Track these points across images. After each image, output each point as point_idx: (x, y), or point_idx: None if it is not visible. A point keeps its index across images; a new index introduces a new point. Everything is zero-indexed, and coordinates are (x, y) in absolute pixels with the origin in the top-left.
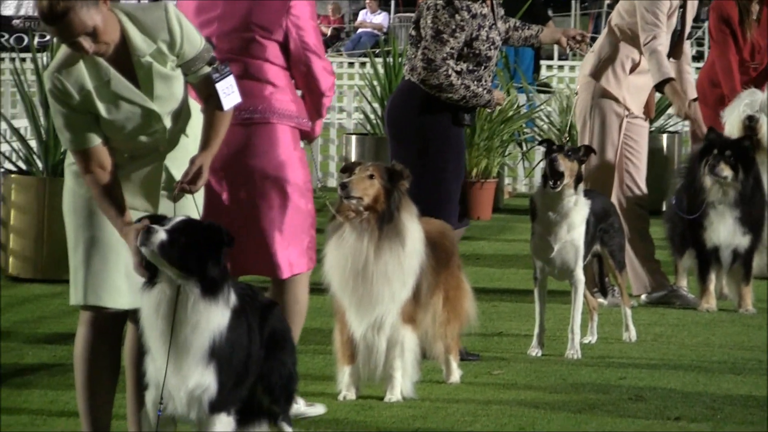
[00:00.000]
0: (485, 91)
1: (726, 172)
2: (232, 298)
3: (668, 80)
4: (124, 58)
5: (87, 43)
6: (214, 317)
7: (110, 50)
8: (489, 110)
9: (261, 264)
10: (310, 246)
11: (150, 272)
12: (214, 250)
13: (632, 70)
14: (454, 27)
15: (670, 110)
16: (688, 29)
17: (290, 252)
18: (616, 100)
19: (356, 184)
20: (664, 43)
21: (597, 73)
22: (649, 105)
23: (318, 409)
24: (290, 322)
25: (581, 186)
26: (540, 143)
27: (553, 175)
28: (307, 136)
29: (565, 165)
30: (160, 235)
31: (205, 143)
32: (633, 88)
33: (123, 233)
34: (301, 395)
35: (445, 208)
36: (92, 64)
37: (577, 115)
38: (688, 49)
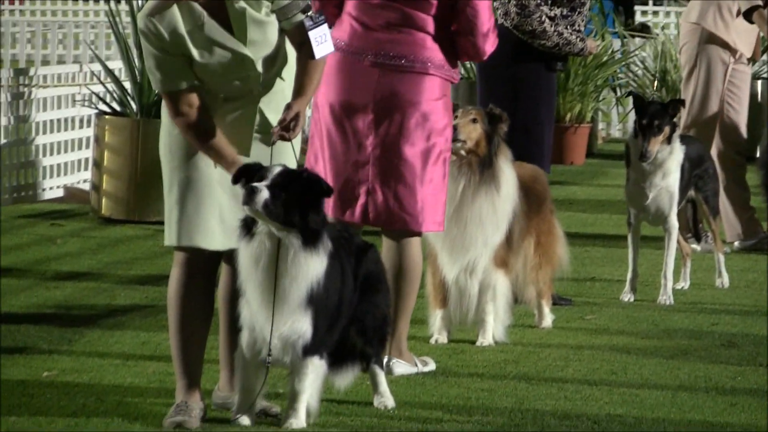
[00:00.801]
0: (579, 40)
1: None
2: (328, 244)
3: (756, 7)
4: (218, 3)
5: None
6: (313, 267)
7: None
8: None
9: (396, 213)
10: (442, 206)
11: (249, 224)
12: (315, 201)
13: (738, 13)
14: None
15: (765, 56)
16: None
17: (427, 207)
18: (724, 44)
19: (462, 128)
20: None
21: (705, 18)
22: (756, 47)
23: (431, 365)
24: (406, 284)
25: (676, 134)
26: (627, 95)
27: (642, 158)
28: None
29: (656, 146)
30: (263, 194)
31: (300, 90)
32: (741, 31)
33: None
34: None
35: (537, 152)
36: (187, 8)
37: (683, 62)
38: None
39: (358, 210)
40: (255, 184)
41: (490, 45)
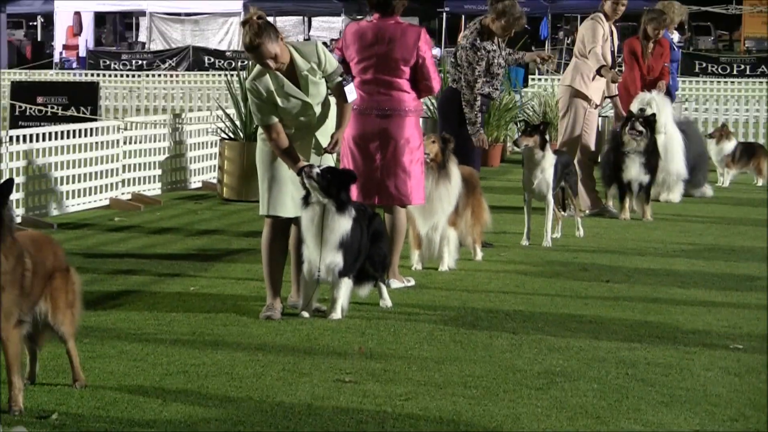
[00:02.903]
0: (495, 91)
1: (640, 128)
2: (353, 212)
3: (603, 66)
4: (292, 72)
5: (271, 62)
6: (343, 224)
7: (284, 68)
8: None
9: (396, 194)
10: (422, 189)
11: (306, 197)
12: (345, 185)
13: (593, 78)
14: (478, 59)
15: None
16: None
17: (416, 188)
18: (585, 97)
19: (427, 147)
20: (601, 51)
21: (574, 82)
22: (601, 98)
23: (412, 282)
24: (398, 236)
25: (548, 146)
26: (521, 122)
27: (519, 143)
28: None
29: (526, 141)
30: (316, 170)
31: (339, 124)
32: (594, 89)
33: (297, 173)
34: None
35: (471, 160)
36: (274, 75)
37: (560, 107)
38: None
39: (374, 196)
40: (312, 165)
41: (436, 84)
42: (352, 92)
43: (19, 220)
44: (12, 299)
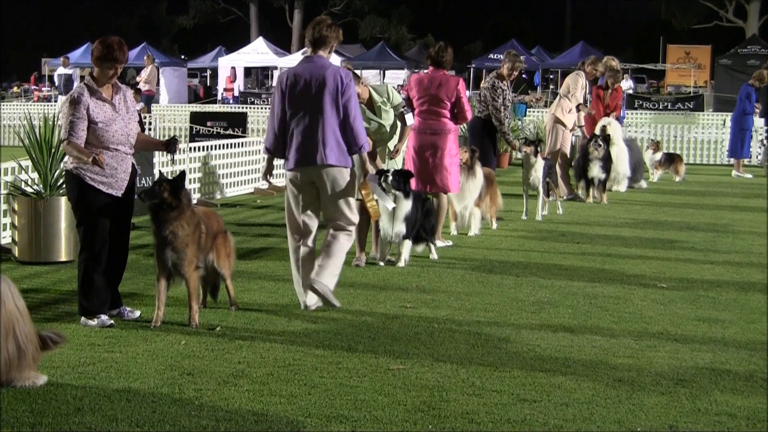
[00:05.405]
0: (506, 119)
1: (600, 143)
2: (412, 196)
3: (579, 104)
4: (371, 103)
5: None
6: (407, 205)
7: (366, 101)
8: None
9: (441, 185)
10: (458, 181)
11: (383, 189)
12: (407, 180)
13: (569, 111)
14: (497, 95)
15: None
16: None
17: (453, 181)
18: (563, 123)
19: (462, 155)
20: (579, 96)
21: (557, 112)
22: (573, 126)
23: (450, 243)
24: (441, 212)
25: (539, 154)
26: (521, 139)
27: (522, 149)
28: None
29: (527, 149)
30: (390, 177)
31: (399, 139)
32: (569, 118)
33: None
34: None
35: (490, 162)
36: (360, 107)
37: (547, 130)
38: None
39: (426, 185)
40: (387, 172)
41: (469, 114)
42: (410, 119)
43: (195, 200)
44: (193, 252)
